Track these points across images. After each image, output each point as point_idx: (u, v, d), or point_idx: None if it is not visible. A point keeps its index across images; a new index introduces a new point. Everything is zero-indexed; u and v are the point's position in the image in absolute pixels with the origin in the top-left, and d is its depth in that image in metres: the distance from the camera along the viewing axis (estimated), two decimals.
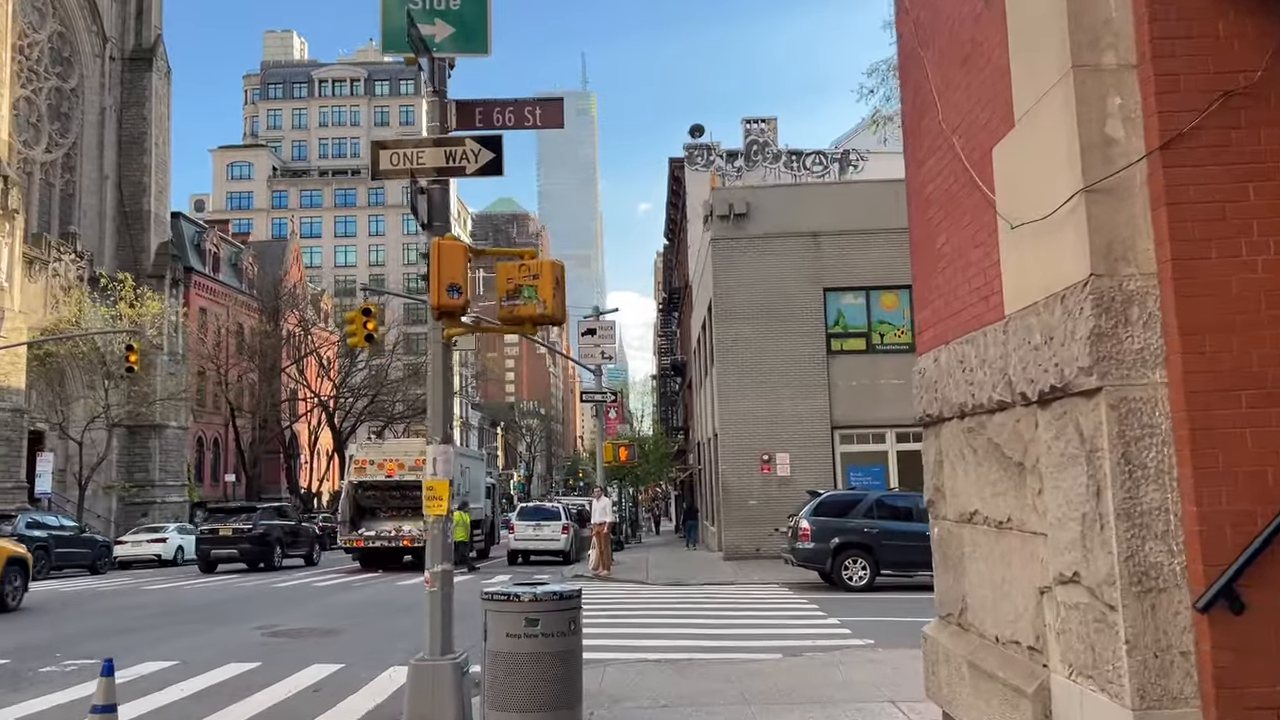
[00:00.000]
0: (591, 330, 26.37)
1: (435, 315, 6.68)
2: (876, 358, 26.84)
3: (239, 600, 19.61)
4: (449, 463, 7.24)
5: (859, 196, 28.18)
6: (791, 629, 13.79)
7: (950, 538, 6.24)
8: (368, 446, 29.75)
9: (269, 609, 17.57)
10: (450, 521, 7.17)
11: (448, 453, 7.24)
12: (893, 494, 20.37)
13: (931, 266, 6.42)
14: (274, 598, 20.05)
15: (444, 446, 7.23)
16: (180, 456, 50.53)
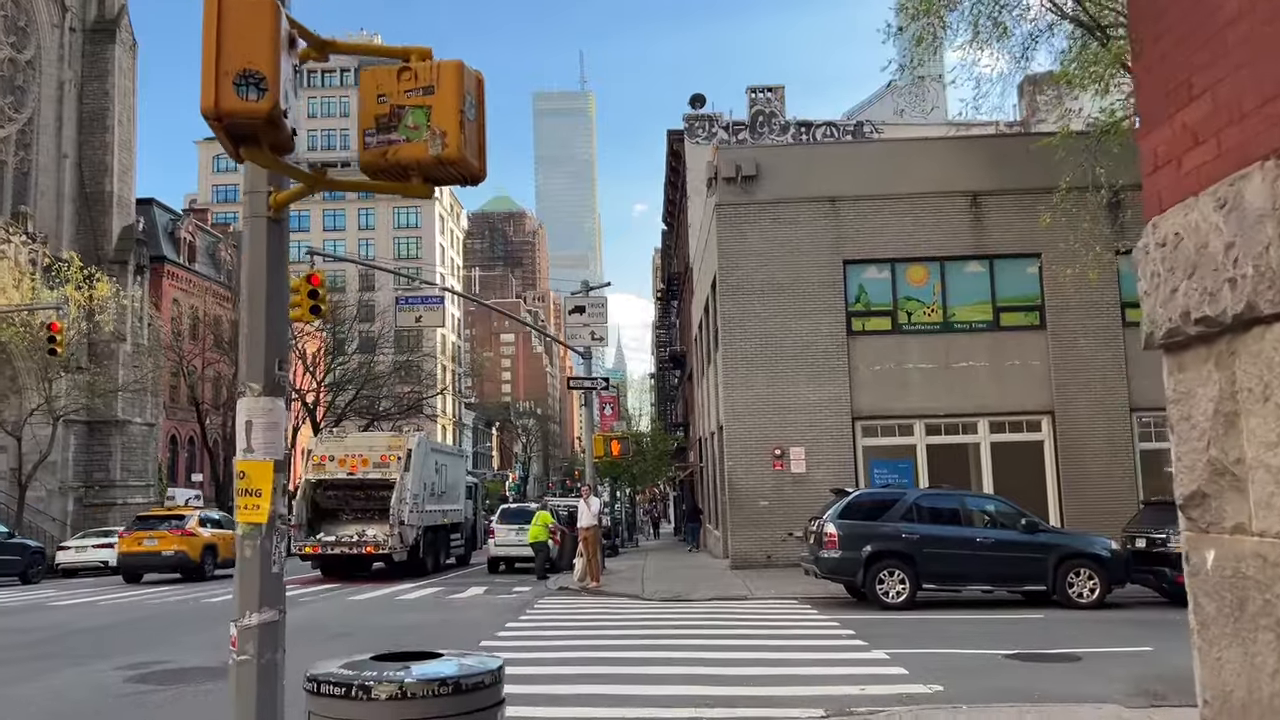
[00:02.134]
0: (580, 308, 23.16)
1: (217, 126, 3.47)
2: (903, 339, 23.66)
3: (144, 622, 16.45)
4: (275, 431, 4.04)
5: (883, 157, 25.04)
6: (827, 667, 10.60)
7: (1258, 573, 3.05)
8: (328, 440, 26.55)
9: (171, 634, 14.41)
10: (275, 538, 3.96)
11: (274, 413, 4.04)
12: (935, 492, 17.21)
13: (1205, 15, 3.20)
14: (190, 618, 16.88)
15: (268, 402, 4.04)
16: (146, 455, 47.22)
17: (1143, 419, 23.19)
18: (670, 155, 41.55)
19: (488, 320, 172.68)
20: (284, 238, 4.13)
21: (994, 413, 23.22)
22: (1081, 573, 15.67)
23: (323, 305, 18.09)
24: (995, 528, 16.28)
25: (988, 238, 23.66)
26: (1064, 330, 23.30)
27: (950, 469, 23.18)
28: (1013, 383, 23.25)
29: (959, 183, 23.79)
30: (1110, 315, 23.27)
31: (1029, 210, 23.38)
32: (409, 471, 24.70)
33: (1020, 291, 23.73)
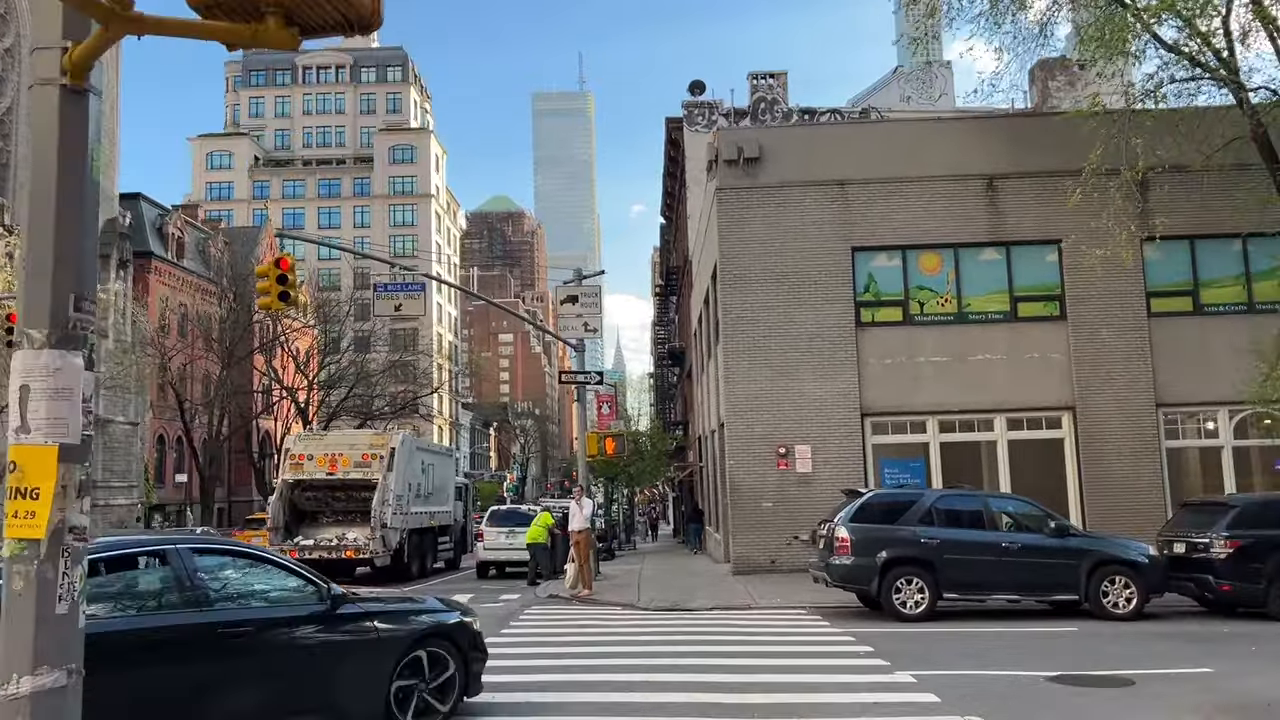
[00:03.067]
0: (573, 297, 21.81)
1: None
2: (915, 331, 22.32)
3: None
4: (66, 402, 2.71)
5: (894, 138, 23.70)
6: (845, 693, 9.28)
7: None
8: (306, 438, 25.20)
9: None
10: (65, 561, 2.61)
11: (64, 374, 2.71)
12: (955, 493, 15.87)
13: None
14: None
15: (55, 358, 2.70)
16: (130, 455, 45.91)
17: (1169, 415, 21.90)
18: (669, 144, 40.20)
19: (486, 320, 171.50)
20: (85, 116, 2.81)
21: (1011, 408, 21.89)
22: (1117, 581, 14.34)
23: (293, 291, 16.74)
24: (1021, 532, 14.95)
25: (1004, 223, 22.34)
26: (1085, 321, 21.98)
27: (965, 468, 21.86)
28: (1031, 377, 21.92)
29: (974, 165, 22.47)
30: (1134, 305, 21.95)
31: (1048, 194, 22.09)
32: (392, 471, 23.39)
33: (1039, 280, 22.41)
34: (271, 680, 6.86)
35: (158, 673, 6.22)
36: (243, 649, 6.65)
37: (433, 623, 8.10)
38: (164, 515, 53.54)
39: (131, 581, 6.53)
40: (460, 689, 8.09)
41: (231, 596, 6.93)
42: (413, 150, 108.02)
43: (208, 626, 6.50)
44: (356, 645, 7.40)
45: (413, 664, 7.75)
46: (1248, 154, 17.86)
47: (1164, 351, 21.81)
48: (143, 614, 6.38)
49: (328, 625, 7.27)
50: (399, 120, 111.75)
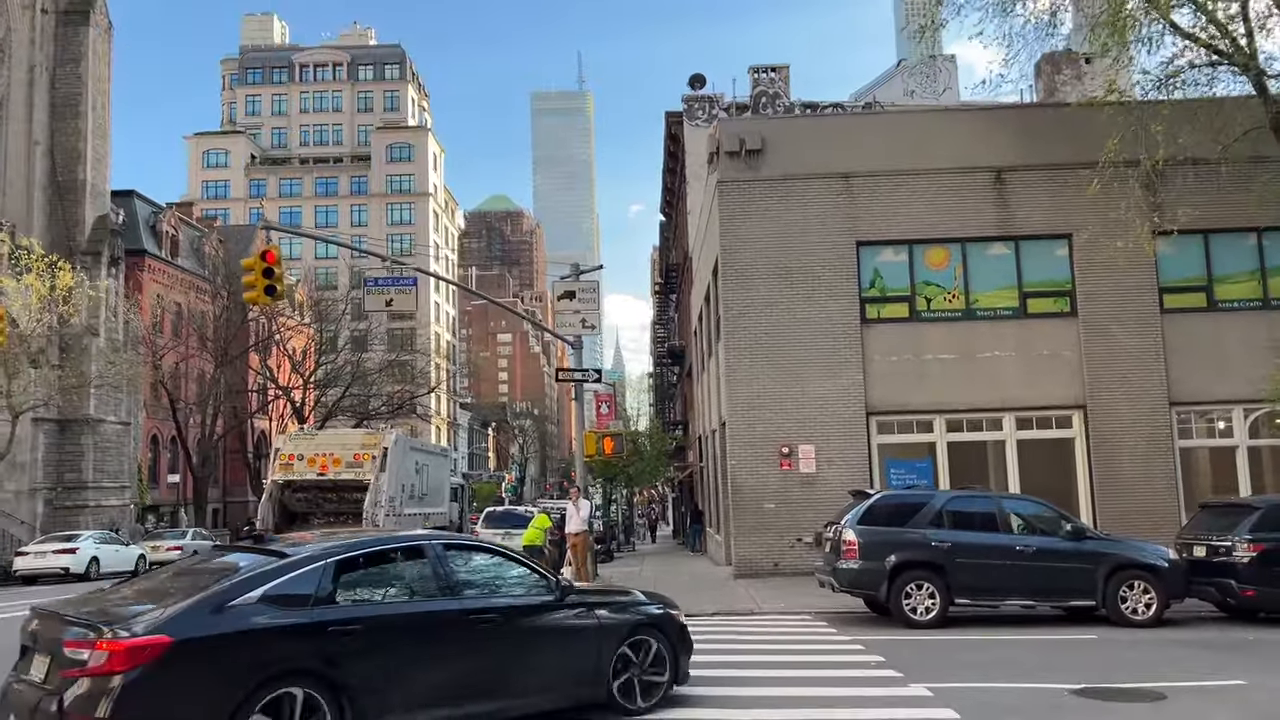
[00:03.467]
0: (570, 293, 21.20)
1: None
2: (921, 327, 21.75)
3: None
4: None
5: (900, 130, 23.12)
6: (858, 708, 8.72)
7: None
8: (296, 438, 24.63)
9: None
10: None
11: None
12: (967, 494, 15.25)
13: None
14: None
15: None
16: (122, 455, 45.23)
17: (1182, 414, 21.33)
18: (668, 139, 39.60)
19: (485, 320, 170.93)
20: None
21: (1020, 407, 21.32)
22: (1136, 586, 13.75)
23: (280, 285, 16.14)
24: (1035, 535, 14.37)
25: (1013, 217, 21.76)
26: (1096, 317, 21.40)
27: (972, 468, 21.30)
28: (1041, 375, 21.35)
29: (982, 158, 21.90)
30: (1147, 301, 21.38)
31: (1058, 187, 21.54)
32: (385, 472, 22.85)
33: (1049, 275, 21.84)
34: (513, 662, 7.59)
35: (421, 652, 7.06)
36: (489, 633, 7.46)
37: (646, 614, 8.75)
38: (158, 516, 52.89)
39: (398, 573, 7.47)
40: (670, 677, 8.66)
41: (477, 586, 7.79)
42: (410, 148, 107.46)
43: (461, 613, 7.40)
44: (582, 632, 8.15)
45: (630, 651, 8.38)
46: (1264, 146, 17.29)
47: (1177, 349, 21.24)
48: (409, 600, 7.31)
49: (557, 613, 8.04)
50: (396, 118, 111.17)
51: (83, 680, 5.88)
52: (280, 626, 6.42)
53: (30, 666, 6.52)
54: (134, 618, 6.17)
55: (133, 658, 5.83)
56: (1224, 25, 16.56)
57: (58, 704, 5.91)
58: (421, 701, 6.95)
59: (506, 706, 7.46)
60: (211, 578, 6.74)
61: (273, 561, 6.87)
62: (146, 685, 5.85)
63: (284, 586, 6.63)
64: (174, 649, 5.95)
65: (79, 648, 6.02)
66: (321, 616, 6.62)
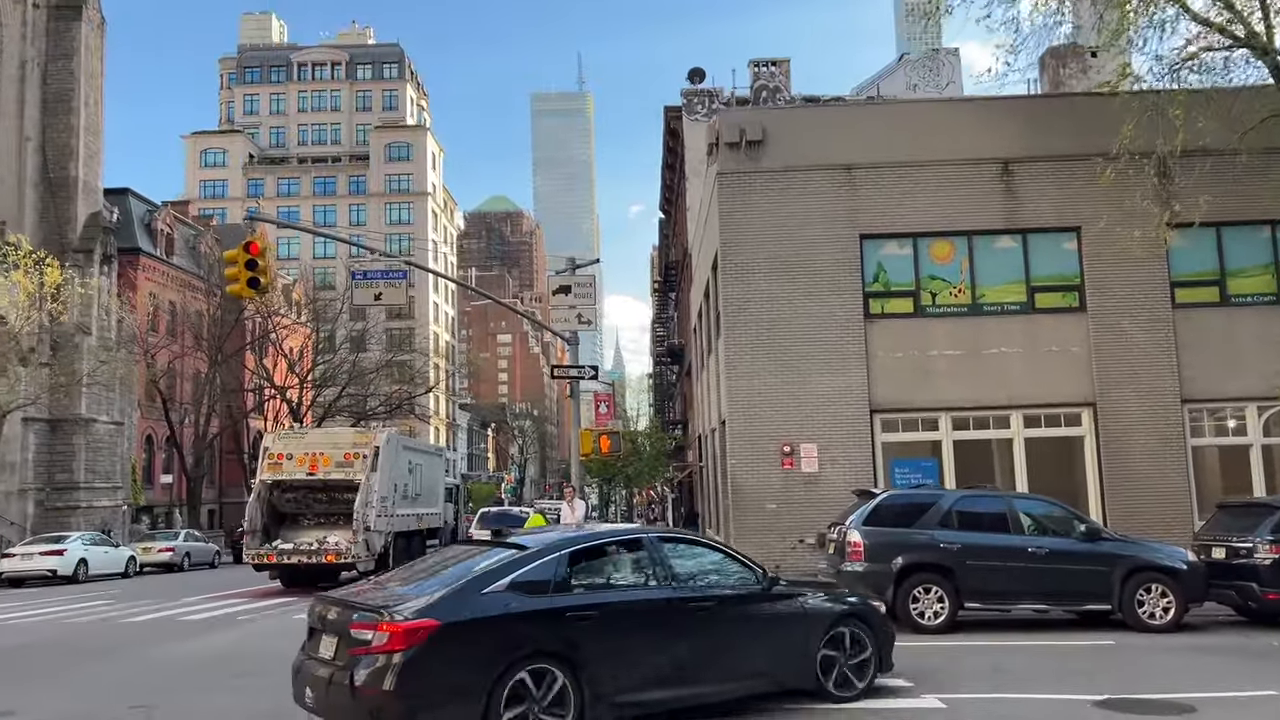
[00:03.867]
0: (566, 287, 20.65)
1: None
2: (926, 323, 21.15)
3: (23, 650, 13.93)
4: None
5: (904, 121, 22.53)
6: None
7: None
8: (285, 437, 23.99)
9: (33, 672, 11.93)
10: None
11: None
12: (977, 494, 14.72)
13: None
14: (81, 647, 14.30)
15: None
16: (114, 455, 44.64)
17: (1194, 412, 20.74)
18: (667, 134, 39.03)
19: (484, 321, 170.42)
20: None
21: (1028, 405, 20.72)
22: (1153, 589, 13.20)
23: (264, 278, 15.56)
24: (1048, 536, 13.82)
25: (1021, 210, 21.17)
26: (1106, 312, 20.80)
27: (979, 467, 20.72)
28: (1049, 371, 20.75)
29: (988, 149, 21.31)
30: (1158, 295, 20.77)
31: (1067, 178, 20.96)
32: (376, 471, 22.24)
33: (1057, 269, 21.24)
34: (726, 647, 8.10)
35: (645, 636, 7.69)
36: (704, 620, 8.03)
37: (849, 604, 9.18)
38: (152, 517, 52.33)
39: (621, 563, 8.15)
40: (875, 666, 8.96)
41: (691, 577, 8.35)
42: (409, 148, 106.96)
43: (679, 601, 8.00)
44: (790, 620, 8.64)
45: (835, 639, 8.78)
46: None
47: (1189, 344, 20.64)
48: (632, 589, 7.96)
49: (766, 602, 8.55)
50: (395, 117, 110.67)
51: (368, 658, 6.73)
52: (527, 611, 7.16)
53: (319, 646, 7.38)
54: (405, 603, 7.00)
55: (408, 638, 6.65)
56: (1239, 11, 16.01)
57: (349, 678, 6.76)
58: (646, 682, 7.57)
59: (721, 690, 8.03)
60: (466, 567, 7.58)
61: (516, 553, 7.64)
62: (421, 662, 6.66)
63: (527, 575, 7.38)
64: (441, 631, 6.76)
65: (363, 629, 6.86)
66: (560, 603, 7.34)
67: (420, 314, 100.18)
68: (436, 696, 6.72)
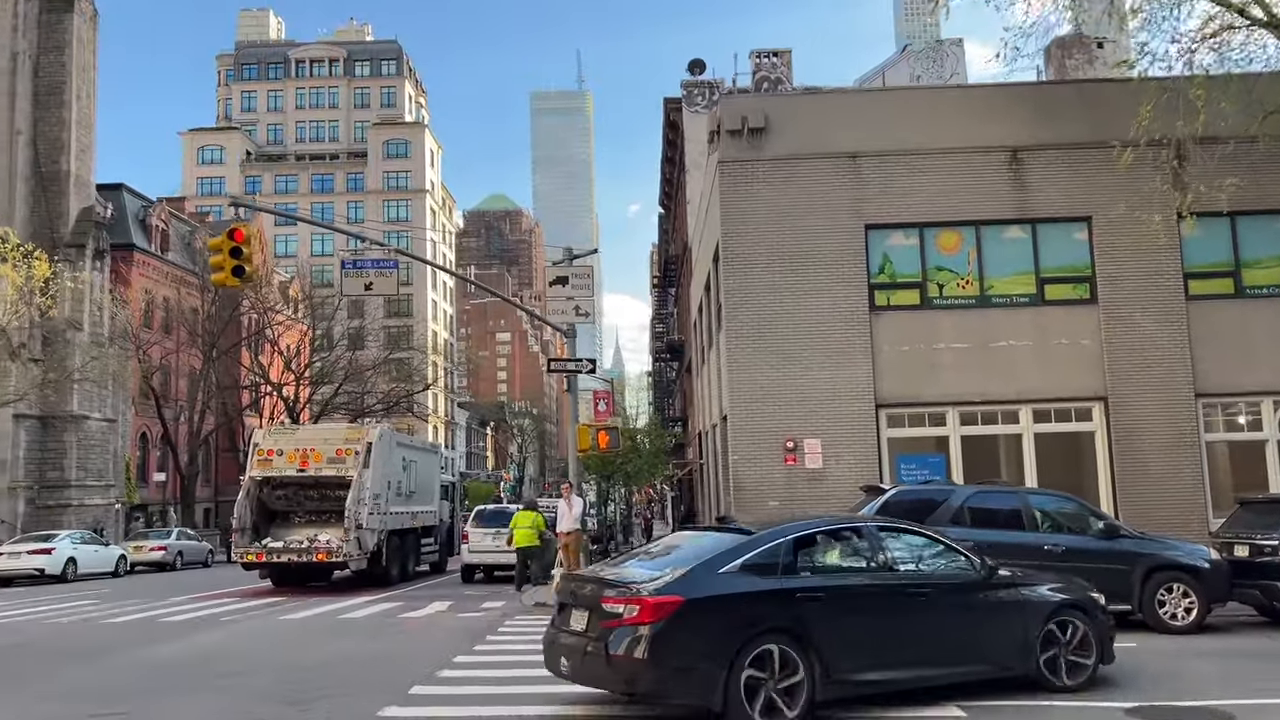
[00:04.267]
0: (562, 279, 20.07)
1: None
2: (933, 315, 20.58)
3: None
4: None
5: (911, 107, 21.96)
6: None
7: None
8: (276, 432, 23.40)
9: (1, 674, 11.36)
10: None
11: None
12: (990, 489, 14.18)
13: None
14: (58, 648, 13.74)
15: None
16: (107, 453, 44.09)
17: (1208, 406, 20.19)
18: (667, 127, 38.46)
19: (484, 319, 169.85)
20: None
21: (1038, 399, 20.15)
22: (1175, 589, 12.66)
23: (249, 266, 15.00)
24: (1064, 533, 13.27)
25: (1030, 199, 20.60)
26: (1118, 305, 20.23)
27: (987, 464, 20.18)
28: (1059, 365, 20.19)
29: (996, 136, 20.74)
30: (1171, 287, 20.21)
31: (1078, 167, 20.40)
32: (368, 468, 21.67)
33: (1067, 260, 20.67)
34: (943, 632, 8.36)
35: (867, 618, 8.03)
36: (924, 606, 8.28)
37: (1069, 595, 9.18)
38: (147, 516, 51.77)
39: (842, 549, 8.54)
40: (1096, 657, 8.99)
41: (909, 564, 8.64)
42: (407, 145, 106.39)
43: (899, 586, 8.33)
44: (1009, 608, 8.75)
45: (1056, 629, 8.86)
46: None
47: (1203, 337, 20.08)
48: (853, 573, 8.34)
49: (984, 591, 8.70)
50: (393, 115, 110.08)
51: (621, 629, 7.34)
52: (760, 591, 7.65)
53: (570, 620, 8.10)
54: (648, 581, 7.61)
55: (657, 612, 7.24)
56: None
57: (604, 648, 7.38)
58: (871, 663, 7.89)
59: (943, 673, 8.30)
60: (698, 549, 8.17)
61: (744, 537, 8.14)
62: (668, 634, 7.23)
63: (757, 558, 7.84)
64: (685, 606, 7.31)
65: (614, 604, 7.49)
66: (789, 584, 7.78)
67: (418, 311, 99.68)
68: (684, 665, 7.27)
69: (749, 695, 7.30)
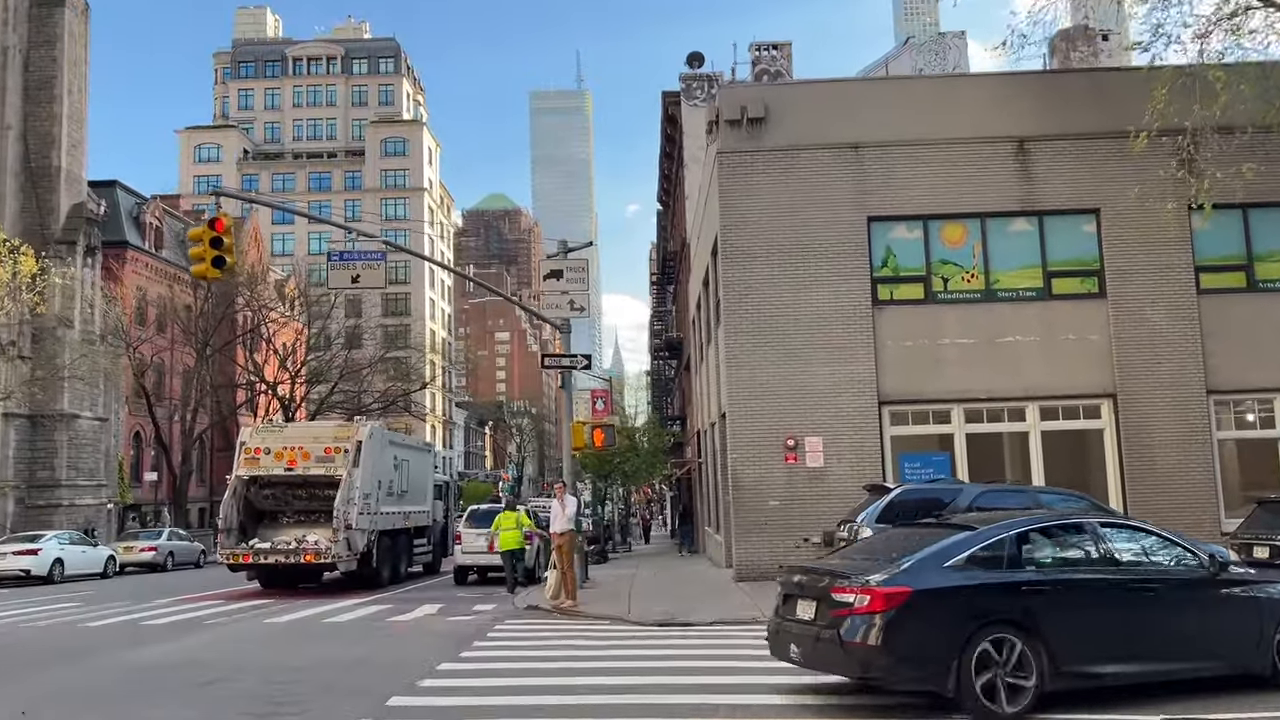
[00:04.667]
0: (556, 272, 19.53)
1: None
2: (938, 310, 20.10)
3: None
4: None
5: (914, 96, 21.48)
6: None
7: None
8: (263, 431, 22.83)
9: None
10: None
11: None
12: (1002, 488, 13.66)
13: None
14: (31, 652, 13.20)
15: None
16: (98, 452, 43.54)
17: (1220, 402, 19.69)
18: (665, 121, 37.96)
19: (483, 318, 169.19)
20: None
21: (1045, 396, 19.69)
22: None
23: (229, 257, 14.47)
24: None
25: (1037, 190, 20.12)
26: (1127, 298, 19.76)
27: (993, 462, 19.70)
28: (1067, 361, 19.71)
29: (1003, 126, 20.27)
30: (1182, 281, 19.74)
31: (1086, 157, 19.96)
32: (358, 467, 21.13)
33: (1075, 253, 20.19)
34: (1173, 627, 8.30)
35: (1093, 612, 8.05)
36: (1150, 600, 8.24)
37: None
38: (140, 515, 51.22)
39: (1065, 544, 8.56)
40: None
41: (1134, 560, 8.58)
42: (405, 143, 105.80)
43: (1125, 581, 8.29)
44: (1241, 605, 8.60)
45: None
46: None
47: (1215, 332, 19.62)
48: (1077, 567, 8.37)
49: (1214, 587, 8.56)
50: (391, 112, 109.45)
51: (853, 617, 7.65)
52: (987, 583, 7.87)
53: (795, 609, 8.47)
54: (872, 573, 7.87)
55: (888, 601, 7.55)
56: None
57: (837, 635, 7.70)
58: (1099, 655, 7.95)
59: (1172, 669, 8.24)
60: (920, 543, 8.33)
61: (967, 532, 8.32)
62: (900, 622, 7.52)
63: (983, 551, 8.05)
64: (914, 596, 7.61)
65: (845, 593, 7.80)
66: (1014, 577, 7.96)
67: (417, 310, 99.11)
68: (915, 652, 7.57)
69: (980, 682, 7.49)
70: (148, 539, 35.60)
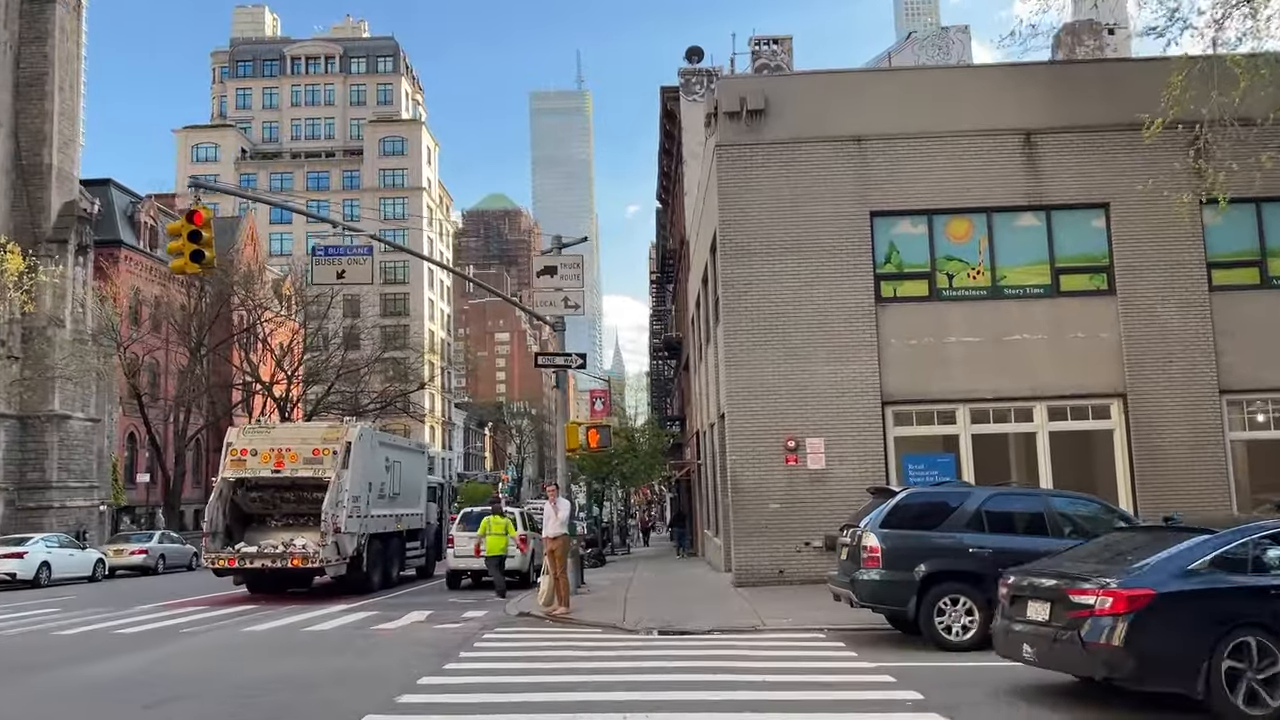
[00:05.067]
0: (551, 269, 18.97)
1: None
2: (943, 307, 19.56)
3: None
4: None
5: (918, 88, 20.90)
6: None
7: None
8: (250, 431, 22.29)
9: None
10: None
11: None
12: (1012, 492, 13.10)
13: None
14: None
15: None
16: (90, 454, 43.00)
17: (1233, 402, 19.14)
18: (664, 117, 37.40)
19: (482, 319, 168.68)
20: None
21: (1053, 396, 19.14)
22: None
23: (208, 251, 13.92)
24: (1089, 538, 12.15)
25: (1044, 184, 19.57)
26: (1137, 296, 19.22)
27: (1000, 464, 19.17)
28: (1076, 359, 19.16)
29: (1010, 118, 19.73)
30: (1194, 277, 19.20)
31: (1095, 151, 19.41)
32: (347, 469, 20.59)
33: (1084, 249, 19.65)
34: None
35: None
36: None
37: None
38: (134, 517, 50.69)
39: None
40: None
41: None
42: (403, 142, 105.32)
43: None
44: None
45: None
46: None
47: (1227, 330, 19.06)
48: None
49: None
50: (390, 112, 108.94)
51: (1094, 619, 7.74)
52: (1232, 587, 7.84)
53: (1025, 610, 8.56)
54: (1108, 576, 7.97)
55: (1131, 604, 7.60)
56: None
57: (1076, 636, 7.80)
58: None
59: None
60: (1152, 545, 8.38)
61: (1209, 536, 8.23)
62: (1144, 624, 7.55)
63: (1226, 555, 8.01)
64: (1158, 599, 7.63)
65: (1083, 595, 7.92)
66: (1261, 581, 7.88)
67: (416, 311, 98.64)
68: (1160, 654, 7.58)
69: (1230, 684, 7.46)
70: (138, 542, 35.06)
